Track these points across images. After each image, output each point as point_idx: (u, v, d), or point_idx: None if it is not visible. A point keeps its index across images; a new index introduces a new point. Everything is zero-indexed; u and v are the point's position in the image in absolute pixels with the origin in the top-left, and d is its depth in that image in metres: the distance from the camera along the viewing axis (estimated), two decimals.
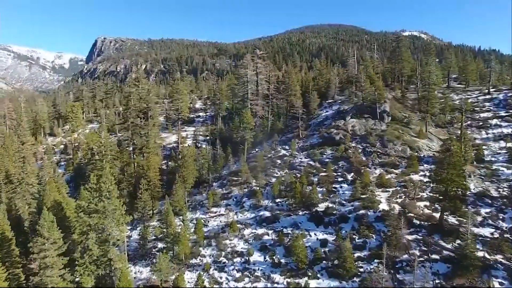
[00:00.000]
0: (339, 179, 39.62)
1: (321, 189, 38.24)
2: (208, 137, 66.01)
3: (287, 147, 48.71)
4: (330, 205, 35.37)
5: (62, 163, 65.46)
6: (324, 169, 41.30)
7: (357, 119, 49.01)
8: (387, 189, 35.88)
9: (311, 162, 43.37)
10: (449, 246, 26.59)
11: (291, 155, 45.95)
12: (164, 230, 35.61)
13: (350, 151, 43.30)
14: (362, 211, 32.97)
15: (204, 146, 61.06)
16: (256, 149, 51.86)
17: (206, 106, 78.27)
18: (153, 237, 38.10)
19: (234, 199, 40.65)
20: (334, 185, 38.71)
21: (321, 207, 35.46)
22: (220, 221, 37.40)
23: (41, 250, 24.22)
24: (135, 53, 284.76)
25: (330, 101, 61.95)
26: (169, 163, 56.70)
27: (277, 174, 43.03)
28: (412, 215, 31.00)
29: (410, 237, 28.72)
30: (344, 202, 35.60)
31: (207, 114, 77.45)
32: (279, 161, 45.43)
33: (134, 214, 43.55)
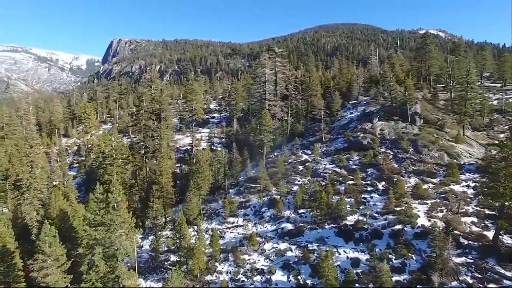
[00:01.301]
0: (369, 189, 35.89)
1: (349, 199, 34.66)
2: (223, 139, 63.24)
3: (309, 152, 45.23)
4: (360, 218, 31.73)
5: (75, 165, 64.02)
6: (351, 177, 37.65)
7: (385, 121, 45.05)
8: (425, 201, 31.91)
9: (337, 169, 39.76)
10: (509, 274, 22.58)
11: (314, 160, 42.43)
12: (177, 241, 32.98)
13: (379, 157, 39.43)
14: (397, 226, 29.18)
15: (219, 149, 58.25)
16: (275, 153, 48.61)
17: (221, 107, 75.53)
18: (166, 249, 35.39)
19: (253, 208, 37.50)
20: (363, 195, 35.03)
21: (350, 220, 31.89)
22: (238, 233, 34.33)
23: (41, 268, 21.83)
24: (149, 54, 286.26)
25: (353, 102, 58.01)
26: (183, 166, 54.19)
27: (299, 181, 39.64)
28: (458, 233, 27.03)
29: (458, 260, 24.82)
30: (376, 215, 31.89)
31: (222, 115, 74.71)
32: (300, 167, 42.02)
33: (146, 221, 41.28)
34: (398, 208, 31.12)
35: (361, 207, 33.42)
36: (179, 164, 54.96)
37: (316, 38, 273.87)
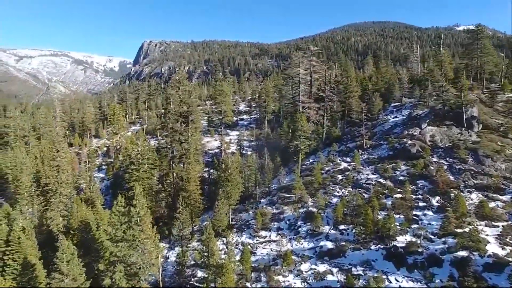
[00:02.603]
0: (421, 204, 31.31)
1: (398, 215, 30.34)
2: (253, 142, 60.39)
3: (348, 159, 41.09)
4: (413, 239, 27.41)
5: (104, 167, 63.83)
6: (399, 190, 33.19)
7: (436, 126, 39.92)
8: (494, 223, 26.98)
9: (381, 180, 35.39)
10: None
11: (355, 169, 38.26)
12: (205, 254, 30.39)
13: (431, 167, 34.59)
14: (461, 253, 24.61)
15: (249, 153, 55.38)
16: (310, 160, 44.86)
17: (250, 108, 72.73)
18: (193, 262, 32.91)
19: (287, 221, 34.08)
20: (414, 212, 30.56)
21: (401, 241, 27.65)
22: (271, 249, 31.07)
23: None
24: (178, 55, 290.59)
25: (396, 104, 52.91)
26: (211, 171, 51.89)
27: (338, 192, 35.73)
28: None
29: None
30: (432, 236, 27.39)
31: (251, 117, 71.92)
32: (339, 176, 38.04)
33: (173, 229, 39.23)
34: (459, 230, 26.51)
35: (413, 226, 29.05)
36: (207, 169, 52.72)
37: (346, 37, 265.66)
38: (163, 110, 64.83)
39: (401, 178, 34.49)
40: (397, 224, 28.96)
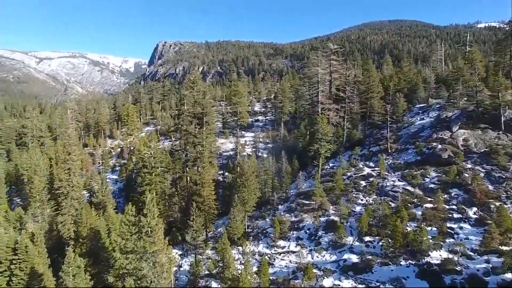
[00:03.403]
0: (455, 216, 28.50)
1: (430, 228, 27.67)
2: (269, 144, 58.36)
3: (371, 164, 38.46)
4: (449, 255, 24.72)
5: (117, 168, 63.13)
6: (430, 199, 30.44)
7: (469, 130, 36.82)
8: None
9: (409, 187, 32.68)
10: None
11: (379, 175, 35.64)
12: (220, 265, 28.65)
13: (466, 175, 31.61)
14: (510, 275, 21.81)
15: (265, 155, 53.41)
16: (330, 164, 42.43)
17: (266, 109, 70.61)
18: (206, 272, 31.19)
19: (307, 230, 31.86)
20: (448, 224, 27.82)
21: (435, 257, 25.02)
22: (290, 261, 28.95)
23: None
24: (192, 56, 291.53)
25: (421, 105, 49.74)
26: (226, 174, 50.20)
27: (362, 200, 33.26)
28: None
29: None
30: (472, 253, 24.64)
31: (267, 118, 69.87)
32: (363, 183, 35.53)
33: (186, 235, 37.70)
34: (505, 248, 23.66)
35: (447, 240, 26.38)
36: (222, 171, 51.04)
37: (362, 36, 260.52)
38: (177, 111, 63.79)
39: (432, 186, 31.67)
40: (430, 237, 26.32)
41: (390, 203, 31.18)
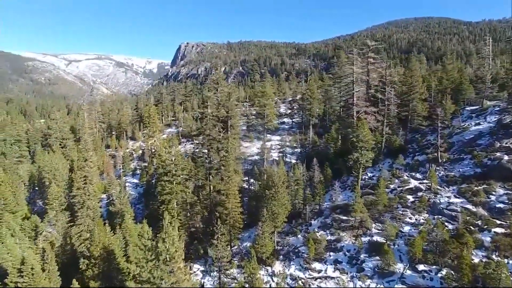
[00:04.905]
0: None
1: (506, 260, 22.73)
2: (296, 149, 54.40)
3: (418, 176, 33.65)
4: None
5: (138, 172, 61.27)
6: (499, 222, 25.47)
7: None
8: None
9: (469, 206, 27.72)
10: None
11: (430, 189, 30.84)
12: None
13: None
14: None
15: (293, 161, 49.56)
16: (368, 174, 37.94)
17: (292, 110, 66.55)
18: None
19: (346, 252, 27.73)
20: None
21: None
22: None
23: None
24: (214, 56, 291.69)
25: (473, 108, 44.12)
26: (251, 181, 46.79)
27: (411, 219, 28.69)
28: None
29: None
30: None
31: (293, 120, 65.84)
32: (410, 197, 30.90)
33: (209, 249, 34.59)
34: None
35: None
36: (247, 178, 47.61)
37: (388, 35, 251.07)
38: (199, 113, 61.05)
39: (500, 205, 26.59)
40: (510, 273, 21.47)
41: (446, 224, 26.48)
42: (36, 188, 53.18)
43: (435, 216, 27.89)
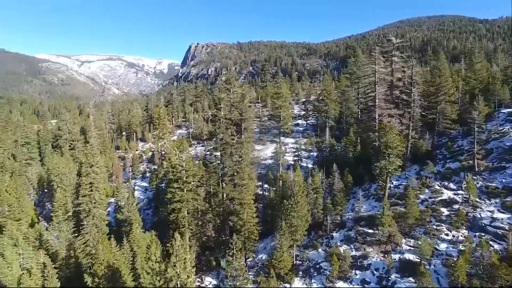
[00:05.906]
0: None
1: None
2: (312, 152, 51.68)
3: (451, 186, 30.56)
4: None
5: (147, 175, 59.52)
6: None
7: None
8: None
9: None
10: None
11: (467, 201, 27.81)
12: None
13: None
14: None
15: (309, 165, 46.90)
16: (394, 182, 35.00)
17: (306, 112, 63.77)
18: None
19: (375, 271, 24.97)
20: None
21: None
22: None
23: None
24: (224, 56, 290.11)
25: (509, 110, 40.63)
26: (265, 186, 44.35)
27: (447, 235, 25.73)
28: None
29: None
30: None
31: (307, 122, 63.08)
32: (444, 211, 27.92)
33: (221, 260, 32.35)
34: None
35: None
36: (260, 183, 45.11)
37: (401, 34, 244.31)
38: (210, 115, 58.90)
39: None
40: None
41: (492, 243, 23.48)
42: (46, 191, 52.04)
43: (476, 233, 24.90)
